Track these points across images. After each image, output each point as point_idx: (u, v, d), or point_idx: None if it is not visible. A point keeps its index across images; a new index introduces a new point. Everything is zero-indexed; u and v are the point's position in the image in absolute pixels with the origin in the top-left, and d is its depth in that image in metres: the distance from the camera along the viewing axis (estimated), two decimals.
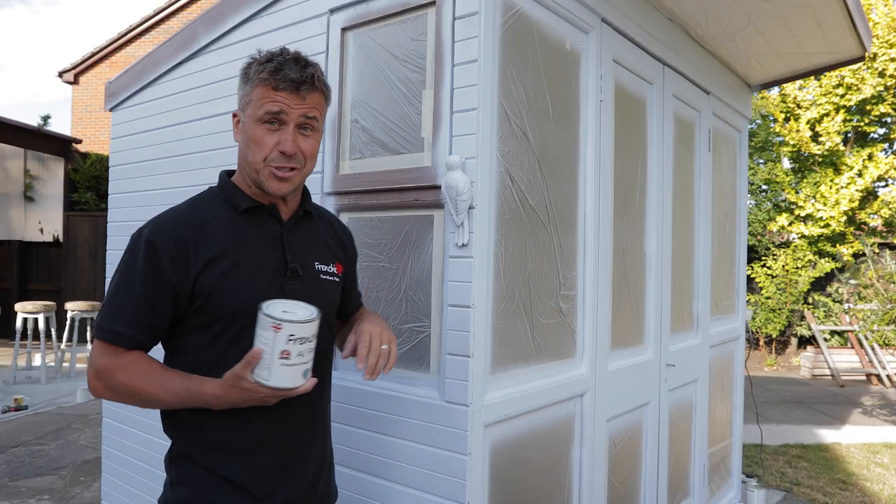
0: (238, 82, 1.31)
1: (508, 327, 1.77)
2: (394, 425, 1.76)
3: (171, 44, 2.57)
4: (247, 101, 1.28)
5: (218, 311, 1.25)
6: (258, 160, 1.27)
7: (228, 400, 1.19)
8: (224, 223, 1.29)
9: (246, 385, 1.15)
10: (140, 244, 1.24)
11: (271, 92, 1.25)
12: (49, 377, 7.35)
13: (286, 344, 1.12)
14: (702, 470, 3.08)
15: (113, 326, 1.22)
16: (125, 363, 1.22)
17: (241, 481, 1.27)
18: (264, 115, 1.26)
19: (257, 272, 1.28)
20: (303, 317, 1.15)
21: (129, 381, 1.21)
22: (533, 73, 1.86)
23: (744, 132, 3.61)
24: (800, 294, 10.03)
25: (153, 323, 1.24)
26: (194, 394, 1.19)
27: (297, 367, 1.15)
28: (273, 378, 1.13)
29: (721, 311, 3.34)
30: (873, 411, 6.99)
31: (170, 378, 1.22)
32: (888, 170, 9.56)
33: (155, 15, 12.91)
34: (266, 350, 1.12)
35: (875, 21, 9.02)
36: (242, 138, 1.30)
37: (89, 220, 10.24)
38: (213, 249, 1.25)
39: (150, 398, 1.22)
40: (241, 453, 1.28)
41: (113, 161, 2.93)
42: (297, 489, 1.34)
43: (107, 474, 2.83)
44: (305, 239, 1.39)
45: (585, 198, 2.11)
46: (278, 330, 1.11)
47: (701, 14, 2.62)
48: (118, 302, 1.23)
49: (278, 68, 1.25)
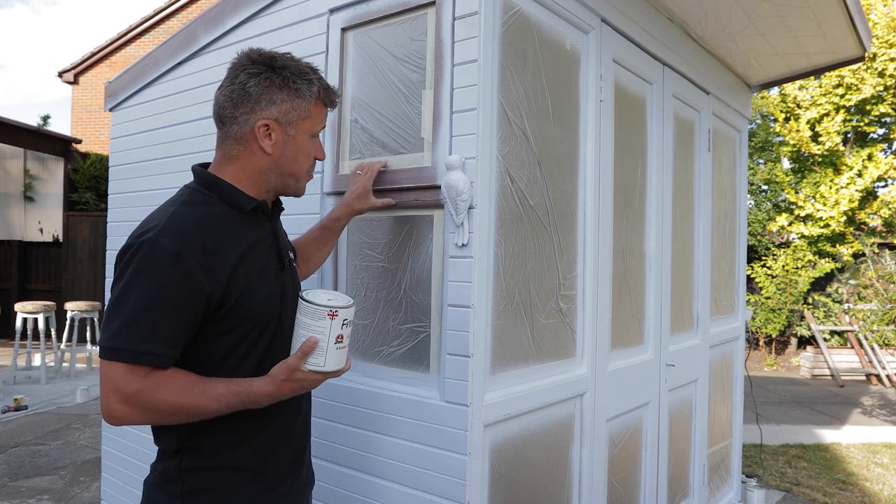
0: (272, 92, 1.27)
1: (508, 327, 1.77)
2: (394, 425, 1.76)
3: (171, 44, 2.57)
4: (303, 117, 1.31)
5: (244, 314, 1.23)
6: (304, 170, 1.35)
7: (281, 394, 1.19)
8: (230, 225, 1.27)
9: (300, 376, 1.18)
10: (162, 254, 1.14)
11: (325, 110, 1.35)
12: (49, 377, 7.35)
13: (341, 329, 1.18)
14: (702, 470, 3.08)
15: (146, 348, 1.12)
16: (160, 381, 1.14)
17: (263, 471, 1.30)
18: (319, 131, 1.35)
19: (266, 270, 1.30)
20: (346, 301, 1.21)
21: (174, 398, 1.14)
22: (533, 73, 1.86)
23: (744, 132, 3.61)
24: (800, 294, 10.04)
25: (186, 339, 1.19)
26: (244, 396, 1.17)
27: (346, 348, 1.23)
28: (328, 363, 1.19)
29: (721, 311, 3.34)
30: (873, 411, 6.99)
31: (213, 386, 1.17)
32: (888, 170, 9.57)
33: (155, 15, 12.92)
34: (321, 338, 1.17)
35: (875, 21, 9.03)
36: (287, 150, 1.31)
37: (89, 220, 10.24)
38: (234, 253, 1.23)
39: (198, 411, 1.16)
40: (264, 444, 1.31)
41: (113, 161, 2.93)
42: (298, 476, 1.41)
43: (107, 474, 2.83)
44: (281, 231, 1.44)
45: (585, 198, 2.11)
46: (334, 317, 1.17)
47: (701, 14, 2.62)
48: (147, 321, 1.12)
49: (329, 87, 1.33)
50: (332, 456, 1.89)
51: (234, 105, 1.28)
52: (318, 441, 1.92)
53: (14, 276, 10.70)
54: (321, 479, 1.90)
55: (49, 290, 10.58)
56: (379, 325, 1.84)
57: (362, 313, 1.88)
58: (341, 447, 1.87)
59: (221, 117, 1.30)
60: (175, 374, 1.17)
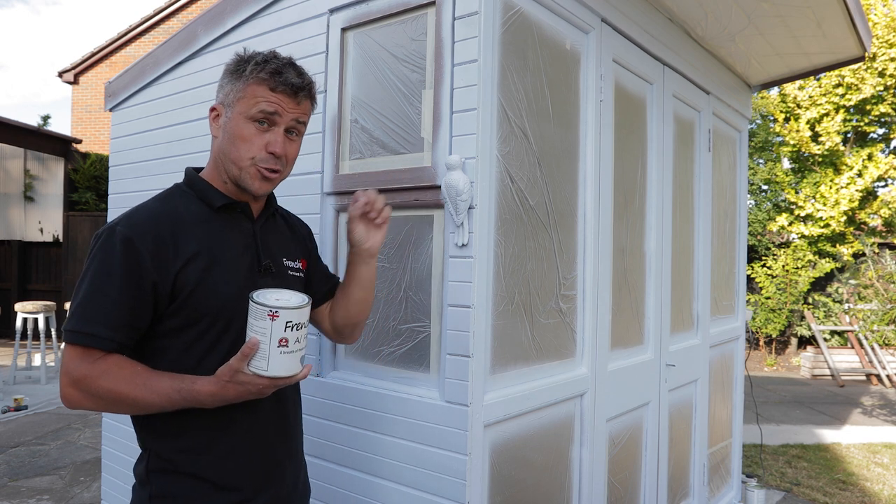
0: (224, 77, 1.30)
1: (508, 327, 1.77)
2: (394, 425, 1.76)
3: (171, 44, 2.57)
4: (237, 97, 1.26)
5: (200, 309, 1.22)
6: (244, 157, 1.26)
7: (225, 396, 1.14)
8: (199, 220, 1.27)
9: (243, 378, 1.12)
10: (114, 241, 1.17)
11: (268, 92, 1.25)
12: (49, 377, 7.35)
13: (284, 331, 1.10)
14: (702, 470, 3.08)
15: (91, 329, 1.14)
16: (107, 368, 1.15)
17: (230, 483, 1.25)
18: (257, 113, 1.25)
19: (235, 269, 1.27)
20: (296, 302, 1.13)
21: (115, 386, 1.14)
22: (533, 73, 1.86)
23: (744, 132, 3.61)
24: (800, 294, 10.03)
25: (133, 324, 1.18)
26: (187, 394, 1.14)
27: (295, 353, 1.14)
28: (272, 367, 1.11)
29: (721, 311, 3.34)
30: (873, 411, 6.98)
31: (158, 379, 1.16)
32: (888, 170, 9.57)
33: (155, 15, 12.92)
34: (263, 340, 1.10)
35: (875, 21, 9.02)
36: (225, 134, 1.28)
37: (89, 220, 10.24)
38: (191, 247, 1.22)
39: (138, 403, 1.15)
40: (228, 454, 1.25)
41: (113, 161, 2.93)
42: (281, 486, 1.34)
43: (107, 474, 2.83)
44: (274, 236, 1.40)
45: (585, 198, 2.11)
46: (275, 318, 1.09)
47: (701, 14, 2.62)
48: (94, 303, 1.16)
49: (279, 70, 1.25)
50: (331, 456, 1.89)
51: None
52: (319, 441, 1.92)
53: (14, 276, 10.70)
54: (321, 479, 1.90)
55: (49, 290, 10.58)
56: (379, 325, 1.84)
57: None
58: (341, 447, 1.87)
59: None
60: (122, 363, 1.16)
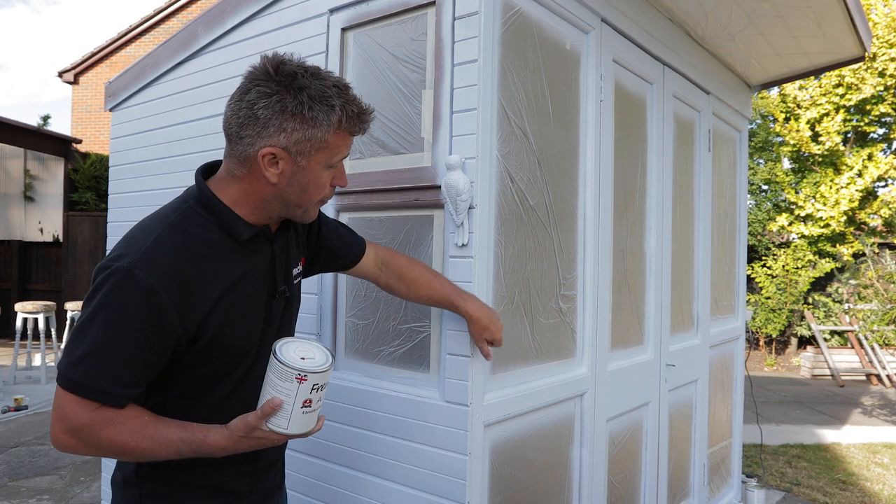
0: (284, 119, 1.11)
1: (508, 327, 1.77)
2: (394, 425, 1.76)
3: (171, 44, 2.57)
4: (318, 148, 1.13)
5: (218, 350, 1.16)
6: (314, 200, 1.20)
7: (236, 449, 1.11)
8: (220, 254, 1.16)
9: (260, 434, 1.08)
10: (133, 289, 1.04)
11: (349, 138, 1.18)
12: (49, 377, 7.35)
13: (309, 393, 1.07)
14: (702, 470, 3.08)
15: (103, 386, 1.04)
16: (112, 417, 1.06)
17: (224, 486, 1.26)
18: (339, 161, 1.18)
19: (252, 303, 1.21)
20: (323, 364, 1.09)
21: (121, 438, 1.06)
22: (533, 73, 1.86)
23: (744, 132, 3.61)
24: (800, 294, 10.03)
25: (148, 378, 1.11)
26: (196, 446, 1.09)
27: (315, 412, 1.11)
28: (292, 426, 1.08)
29: (721, 311, 3.34)
30: (873, 411, 6.98)
31: (166, 430, 1.09)
32: (888, 170, 9.56)
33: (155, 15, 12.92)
34: (286, 401, 1.06)
35: (875, 21, 9.02)
36: (294, 182, 1.16)
37: (89, 220, 10.24)
38: (216, 288, 1.13)
39: (144, 454, 1.09)
40: (219, 465, 1.23)
41: (113, 161, 2.93)
42: (264, 486, 1.36)
43: (107, 474, 2.83)
44: (285, 249, 1.32)
45: (585, 198, 2.11)
46: (303, 382, 1.05)
47: (701, 14, 2.62)
48: (109, 357, 1.05)
49: (355, 114, 1.15)
50: (331, 455, 1.89)
51: (239, 125, 1.13)
52: (318, 441, 1.92)
53: (14, 276, 10.70)
54: (321, 479, 1.90)
55: (49, 290, 10.58)
56: (379, 325, 1.84)
57: (363, 313, 1.88)
58: (341, 447, 1.87)
59: (227, 133, 1.17)
60: (128, 413, 1.08)
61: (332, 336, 1.96)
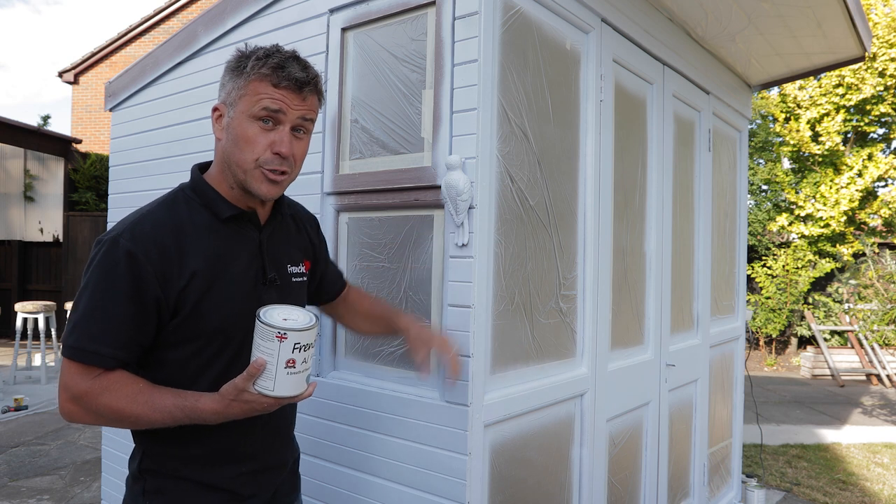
0: (225, 75, 1.23)
1: (508, 327, 1.77)
2: (394, 425, 1.76)
3: (171, 44, 2.57)
4: (239, 95, 1.19)
5: (201, 326, 1.19)
6: (248, 160, 1.19)
7: (228, 414, 1.13)
8: (204, 232, 1.21)
9: (248, 397, 1.10)
10: (117, 254, 1.13)
11: (271, 88, 1.17)
12: (49, 377, 7.35)
13: (291, 353, 1.09)
14: (702, 470, 3.08)
15: (94, 347, 1.11)
16: (108, 384, 1.12)
17: (224, 486, 1.26)
18: (261, 111, 1.17)
19: (238, 284, 1.23)
20: (304, 323, 1.11)
21: (117, 403, 1.12)
22: (533, 73, 1.86)
23: (744, 132, 3.61)
24: (800, 294, 10.03)
25: (137, 340, 1.15)
26: (189, 411, 1.12)
27: (301, 374, 1.12)
28: (278, 388, 1.10)
29: (721, 311, 3.34)
30: (873, 411, 6.98)
31: (160, 397, 1.13)
32: (888, 170, 9.57)
33: (155, 15, 12.92)
34: (270, 360, 1.08)
35: (875, 21, 9.02)
36: (228, 135, 1.21)
37: (89, 220, 10.24)
38: (196, 262, 1.18)
39: (140, 420, 1.13)
40: (224, 462, 1.25)
41: (113, 161, 2.93)
42: (271, 488, 1.36)
43: (107, 474, 2.83)
44: (280, 243, 1.35)
45: (585, 198, 2.11)
46: (283, 340, 1.07)
47: (701, 14, 2.62)
48: (97, 320, 1.12)
49: (281, 65, 1.17)
50: (332, 456, 1.89)
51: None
52: (319, 441, 1.92)
53: (14, 276, 10.71)
54: (321, 479, 1.90)
55: (49, 290, 10.58)
56: None
57: None
58: (341, 447, 1.87)
59: None
60: (124, 380, 1.14)
61: (333, 336, 1.96)
